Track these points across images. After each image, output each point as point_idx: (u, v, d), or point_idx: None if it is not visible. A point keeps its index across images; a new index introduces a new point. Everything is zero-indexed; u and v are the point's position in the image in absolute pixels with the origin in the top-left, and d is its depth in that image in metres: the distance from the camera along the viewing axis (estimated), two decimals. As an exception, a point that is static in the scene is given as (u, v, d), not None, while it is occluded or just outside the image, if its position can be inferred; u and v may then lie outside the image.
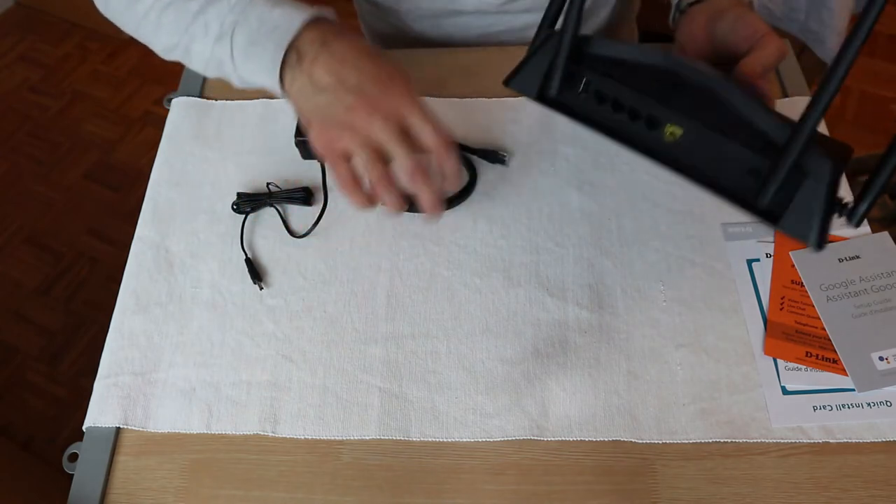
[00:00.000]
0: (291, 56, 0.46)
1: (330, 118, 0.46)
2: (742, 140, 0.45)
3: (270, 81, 0.48)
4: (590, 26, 0.83)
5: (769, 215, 0.44)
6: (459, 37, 0.79)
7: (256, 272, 0.59)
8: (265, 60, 0.47)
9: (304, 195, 0.62)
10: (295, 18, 0.47)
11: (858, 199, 0.43)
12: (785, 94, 0.69)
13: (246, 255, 0.60)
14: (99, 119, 1.86)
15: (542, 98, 0.50)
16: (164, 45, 0.55)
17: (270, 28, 0.47)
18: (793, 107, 0.68)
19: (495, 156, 0.65)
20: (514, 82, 0.53)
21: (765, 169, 0.43)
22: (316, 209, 0.62)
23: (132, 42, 0.60)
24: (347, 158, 0.45)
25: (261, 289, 0.58)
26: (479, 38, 0.79)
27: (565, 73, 0.49)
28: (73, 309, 1.51)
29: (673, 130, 0.46)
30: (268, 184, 0.64)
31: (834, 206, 0.45)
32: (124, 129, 1.84)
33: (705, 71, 0.46)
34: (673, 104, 0.46)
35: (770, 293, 0.56)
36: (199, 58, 0.52)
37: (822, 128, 0.66)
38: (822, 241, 0.44)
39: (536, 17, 0.81)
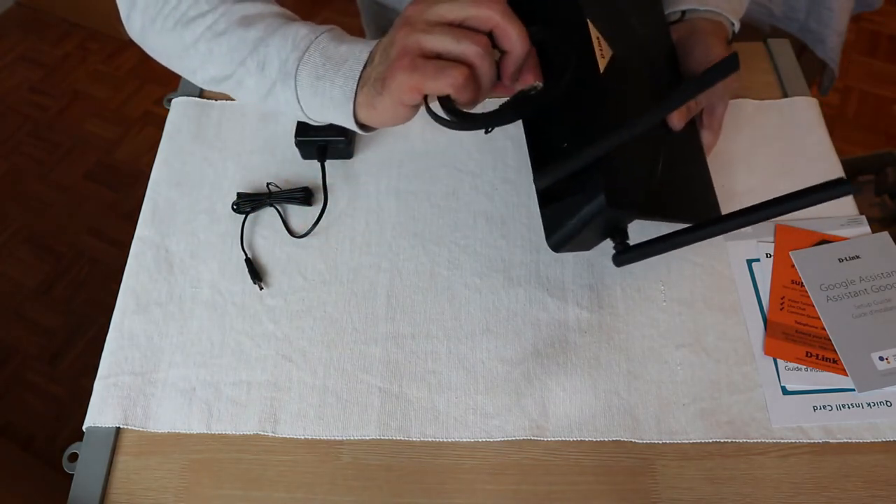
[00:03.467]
0: (360, 88, 0.46)
1: (405, 63, 0.42)
2: (572, 125, 0.46)
3: (343, 113, 0.48)
4: None
5: (543, 196, 0.48)
6: None
7: (256, 272, 0.59)
8: (335, 94, 0.47)
9: (304, 195, 0.62)
10: (363, 51, 0.47)
11: (632, 247, 0.47)
12: (785, 94, 0.69)
13: (246, 255, 0.60)
14: (99, 119, 1.86)
15: None
16: (211, 75, 0.54)
17: (338, 62, 0.47)
18: (793, 107, 0.68)
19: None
20: None
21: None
22: (316, 209, 0.62)
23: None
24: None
25: (261, 289, 0.58)
26: None
27: None
28: (73, 309, 1.51)
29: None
30: (268, 184, 0.64)
31: (606, 235, 0.49)
32: (124, 129, 1.83)
33: (603, 47, 0.47)
34: (560, 59, 0.46)
35: (770, 293, 0.56)
36: (255, 92, 0.52)
37: (822, 127, 0.66)
38: (558, 247, 0.47)
39: None
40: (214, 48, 0.52)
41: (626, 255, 0.48)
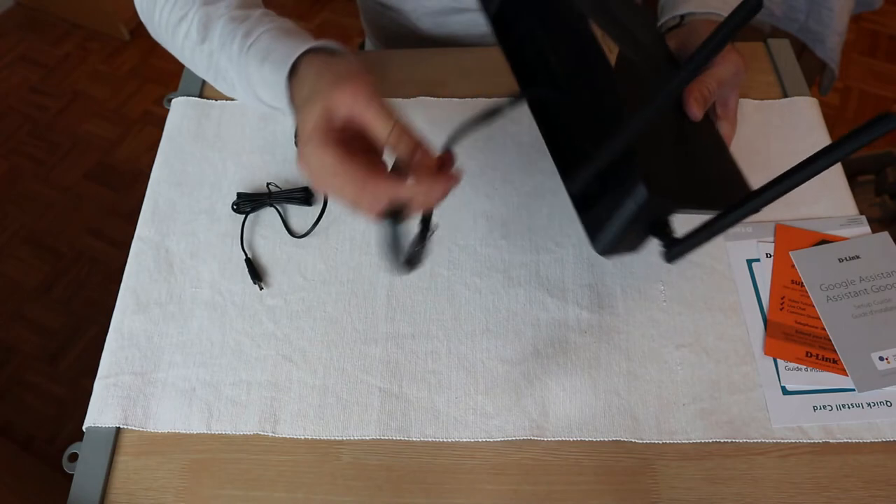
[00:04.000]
0: (293, 75, 0.48)
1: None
2: (594, 127, 0.46)
3: (278, 94, 0.49)
4: None
5: (579, 202, 0.46)
6: (463, 34, 0.79)
7: (256, 272, 0.59)
8: (275, 74, 0.48)
9: (304, 195, 0.62)
10: (300, 47, 0.48)
11: (681, 239, 0.45)
12: (785, 94, 0.69)
13: (246, 255, 0.60)
14: (99, 119, 1.86)
15: (490, 15, 0.52)
16: (203, 77, 0.57)
17: (279, 50, 0.49)
18: (793, 107, 0.68)
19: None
20: None
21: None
22: (316, 209, 0.62)
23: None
24: None
25: (261, 289, 0.58)
26: (482, 37, 0.79)
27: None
28: (73, 309, 1.51)
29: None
30: (268, 184, 0.64)
31: (651, 232, 0.46)
32: (124, 129, 1.83)
33: (604, 50, 0.47)
34: (569, 63, 0.47)
35: (770, 293, 0.56)
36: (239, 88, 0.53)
37: (822, 127, 0.66)
38: (607, 251, 0.45)
39: None
40: (196, 56, 0.55)
41: (676, 248, 0.45)
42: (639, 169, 0.43)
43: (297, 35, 0.50)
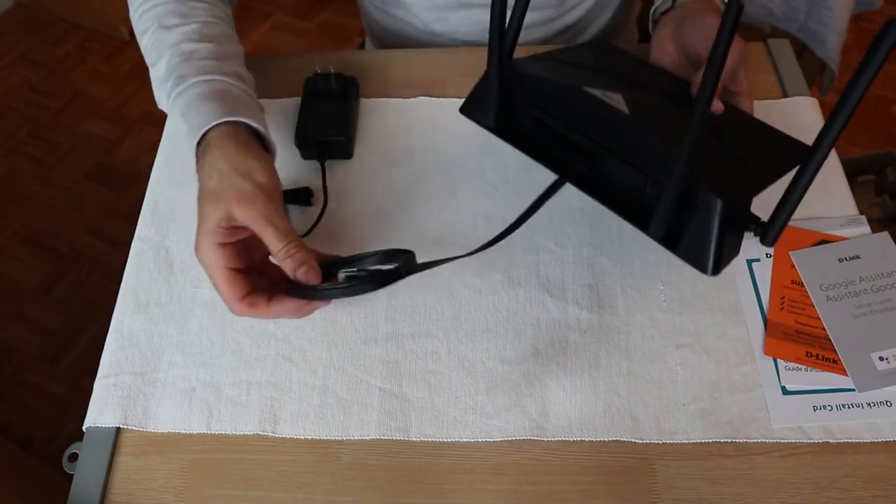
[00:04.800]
0: (204, 142, 0.51)
1: None
2: (643, 169, 0.47)
3: (190, 154, 0.53)
4: (592, 29, 0.83)
5: (667, 241, 0.47)
6: (464, 31, 0.79)
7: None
8: (188, 136, 0.52)
9: (304, 195, 0.62)
10: (211, 119, 0.50)
11: (773, 218, 0.45)
12: (785, 94, 0.69)
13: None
14: (99, 119, 1.86)
15: (490, 128, 0.56)
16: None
17: (197, 112, 0.51)
18: (793, 107, 0.68)
19: None
20: (467, 111, 0.60)
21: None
22: (316, 209, 0.62)
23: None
24: None
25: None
26: (484, 34, 0.79)
27: (501, 104, 0.53)
28: (73, 309, 1.51)
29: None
30: (268, 184, 0.64)
31: (741, 228, 0.47)
32: (124, 129, 1.84)
33: (615, 98, 0.48)
34: (590, 131, 0.49)
35: (770, 293, 0.56)
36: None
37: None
38: (717, 268, 0.46)
39: (542, 15, 0.82)
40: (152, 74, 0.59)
41: (769, 232, 0.45)
42: (703, 184, 0.44)
43: (221, 100, 0.51)
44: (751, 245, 0.59)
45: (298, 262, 0.46)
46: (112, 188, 1.72)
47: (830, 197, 0.61)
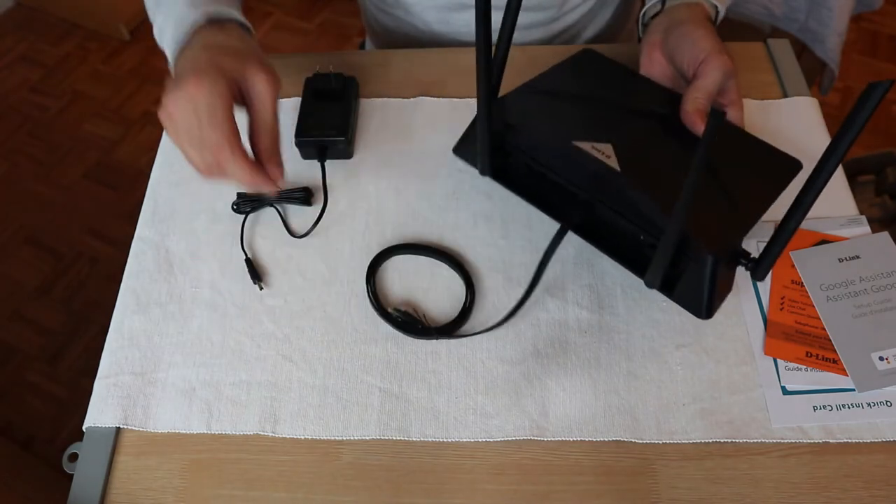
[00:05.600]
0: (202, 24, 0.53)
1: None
2: (636, 222, 0.49)
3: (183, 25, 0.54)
4: (592, 29, 0.83)
5: (664, 287, 0.50)
6: (466, 32, 0.79)
7: (256, 272, 0.59)
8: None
9: (304, 195, 0.62)
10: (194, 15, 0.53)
11: (762, 255, 0.47)
12: (785, 94, 0.69)
13: (246, 255, 0.60)
14: (99, 119, 1.86)
15: (485, 173, 0.57)
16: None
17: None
18: (793, 107, 0.68)
19: None
20: (461, 153, 0.62)
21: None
22: (316, 209, 0.62)
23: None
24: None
25: (261, 289, 0.58)
26: None
27: (494, 151, 0.55)
28: (73, 309, 1.51)
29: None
30: (268, 184, 0.64)
31: (733, 265, 0.50)
32: (124, 129, 1.84)
33: (605, 150, 0.50)
34: (583, 185, 0.51)
35: (770, 293, 0.56)
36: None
37: (822, 127, 0.66)
38: (710, 313, 0.49)
39: (544, 15, 0.82)
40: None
41: (760, 267, 0.48)
42: (693, 239, 0.46)
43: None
44: (751, 245, 0.59)
45: (276, 136, 0.51)
46: (112, 188, 1.72)
47: (830, 197, 0.61)
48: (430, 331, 0.55)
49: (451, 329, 0.55)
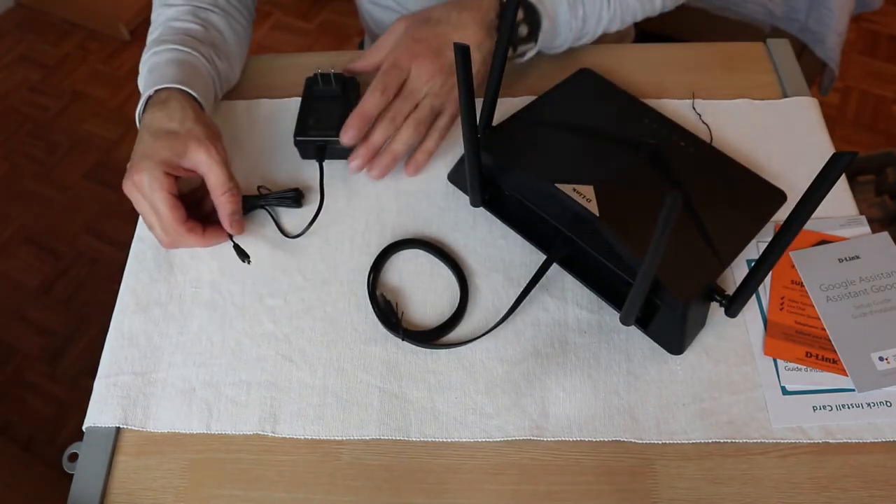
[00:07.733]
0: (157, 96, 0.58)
1: None
2: (614, 263, 0.51)
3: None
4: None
5: (639, 322, 0.53)
6: None
7: (243, 251, 0.58)
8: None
9: (294, 196, 0.62)
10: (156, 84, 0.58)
11: (736, 294, 0.49)
12: (785, 94, 0.69)
13: (231, 238, 0.59)
14: (99, 119, 1.86)
15: (476, 205, 0.60)
16: None
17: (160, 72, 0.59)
18: (793, 107, 0.68)
19: None
20: (454, 181, 0.63)
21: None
22: (307, 210, 0.62)
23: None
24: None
25: (248, 264, 0.58)
26: None
27: (483, 185, 0.57)
28: (73, 309, 1.51)
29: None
30: (259, 187, 0.63)
31: (707, 302, 0.52)
32: (124, 129, 1.84)
33: (586, 192, 0.52)
34: (565, 224, 0.54)
35: (770, 293, 0.56)
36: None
37: (822, 127, 0.66)
38: (682, 349, 0.53)
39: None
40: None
41: (733, 306, 0.50)
42: (663, 286, 0.48)
43: (189, 71, 0.60)
44: (751, 245, 0.59)
45: (235, 204, 0.56)
46: (112, 188, 1.72)
47: (830, 197, 0.61)
48: (399, 329, 0.55)
49: (430, 336, 0.55)
